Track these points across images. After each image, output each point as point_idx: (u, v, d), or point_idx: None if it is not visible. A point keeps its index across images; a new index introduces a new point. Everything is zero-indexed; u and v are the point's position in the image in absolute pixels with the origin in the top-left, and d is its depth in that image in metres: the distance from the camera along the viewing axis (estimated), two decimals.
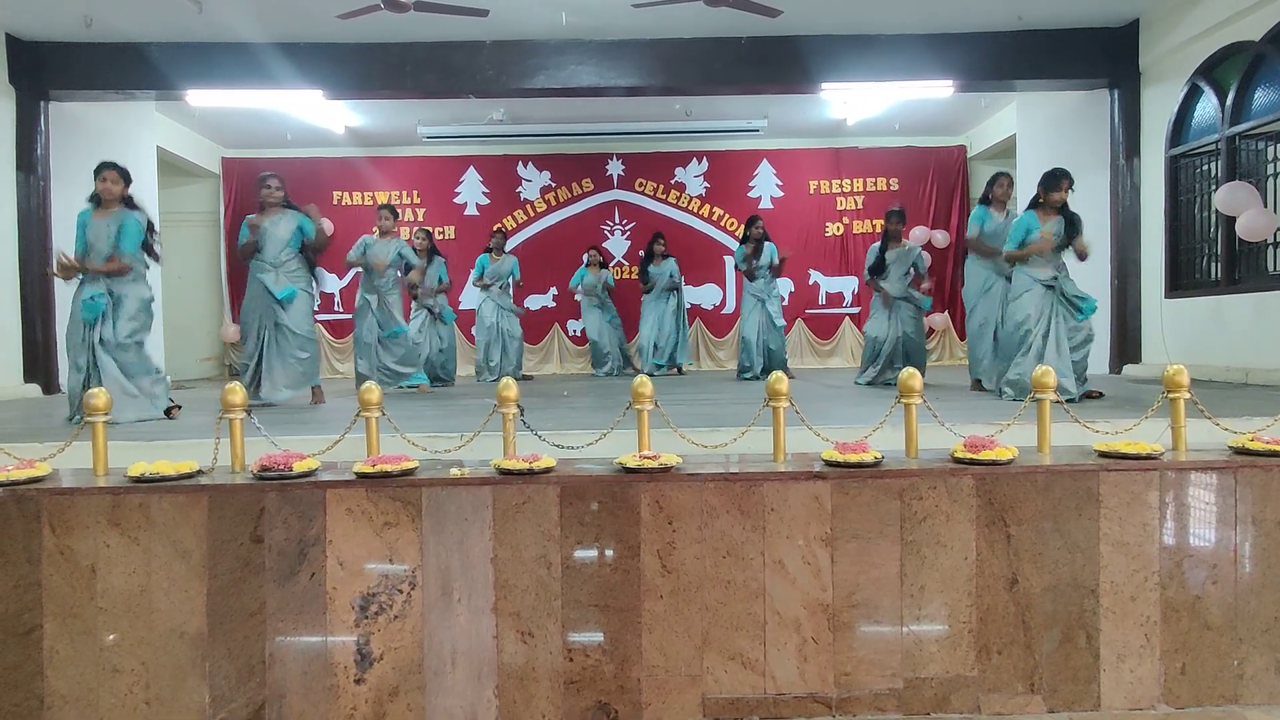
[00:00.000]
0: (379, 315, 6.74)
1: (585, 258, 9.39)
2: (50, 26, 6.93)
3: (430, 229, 8.67)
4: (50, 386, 7.20)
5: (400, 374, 6.79)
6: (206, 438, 2.62)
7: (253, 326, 5.62)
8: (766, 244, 7.84)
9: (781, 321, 7.99)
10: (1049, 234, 5.00)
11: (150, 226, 4.84)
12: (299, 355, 5.63)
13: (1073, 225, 5.04)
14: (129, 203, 4.81)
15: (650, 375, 8.67)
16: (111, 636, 2.23)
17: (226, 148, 10.62)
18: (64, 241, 7.24)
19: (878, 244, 6.73)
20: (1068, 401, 4.76)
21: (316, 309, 5.99)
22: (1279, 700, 2.33)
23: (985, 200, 5.85)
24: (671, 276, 9.02)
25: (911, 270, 6.68)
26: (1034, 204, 5.15)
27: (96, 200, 4.74)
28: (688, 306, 9.76)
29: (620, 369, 9.25)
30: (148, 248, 4.85)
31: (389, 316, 6.76)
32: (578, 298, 9.47)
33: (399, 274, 6.99)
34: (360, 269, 6.86)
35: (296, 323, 5.60)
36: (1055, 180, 5.04)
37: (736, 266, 8.06)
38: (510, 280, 8.66)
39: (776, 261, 7.88)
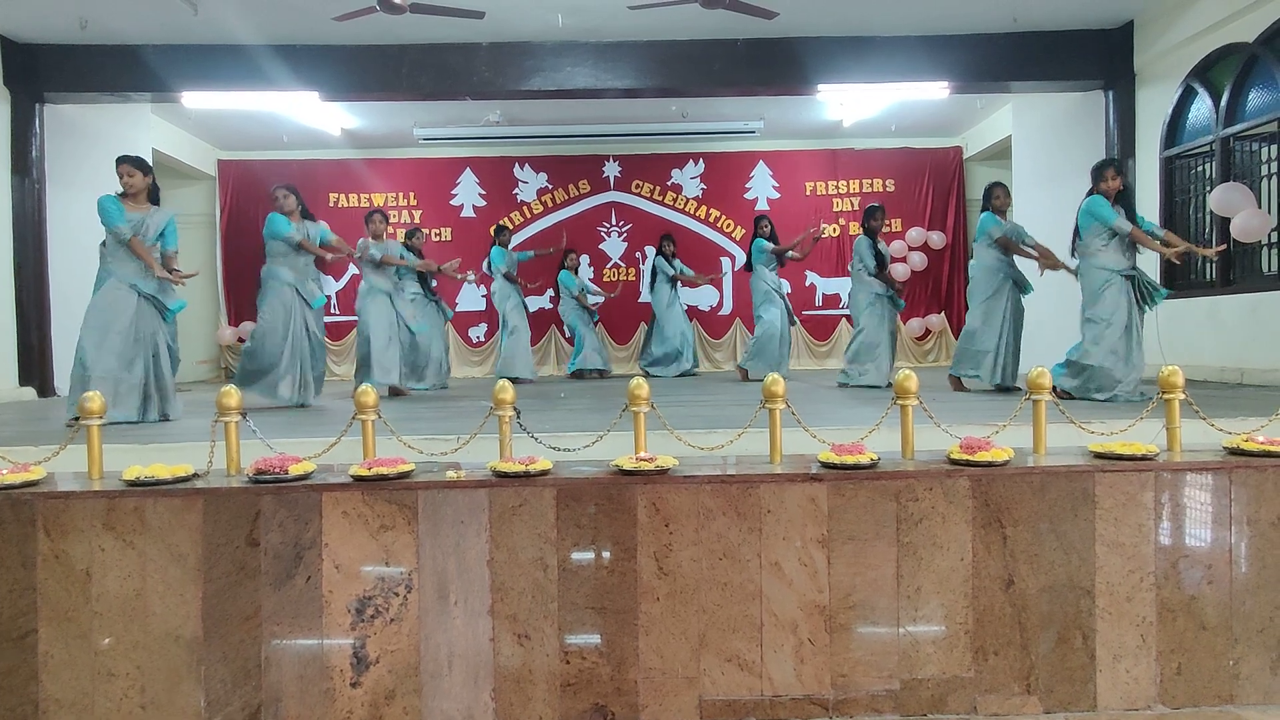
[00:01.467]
0: (400, 312, 6.49)
1: (565, 260, 9.28)
2: (45, 28, 6.91)
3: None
4: (46, 390, 7.18)
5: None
6: (202, 441, 2.62)
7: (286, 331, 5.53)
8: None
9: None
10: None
11: None
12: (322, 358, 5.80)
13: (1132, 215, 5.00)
14: (154, 198, 4.81)
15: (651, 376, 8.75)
16: (106, 640, 2.22)
17: (222, 150, 10.61)
18: (61, 241, 7.34)
19: (866, 239, 6.73)
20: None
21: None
22: (1275, 700, 2.33)
23: (987, 209, 5.84)
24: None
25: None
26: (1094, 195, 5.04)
27: (123, 193, 4.73)
28: (685, 307, 9.75)
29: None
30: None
31: (406, 315, 6.55)
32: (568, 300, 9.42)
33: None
34: (368, 264, 6.52)
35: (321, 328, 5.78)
36: (1100, 171, 5.01)
37: (777, 256, 7.80)
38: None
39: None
